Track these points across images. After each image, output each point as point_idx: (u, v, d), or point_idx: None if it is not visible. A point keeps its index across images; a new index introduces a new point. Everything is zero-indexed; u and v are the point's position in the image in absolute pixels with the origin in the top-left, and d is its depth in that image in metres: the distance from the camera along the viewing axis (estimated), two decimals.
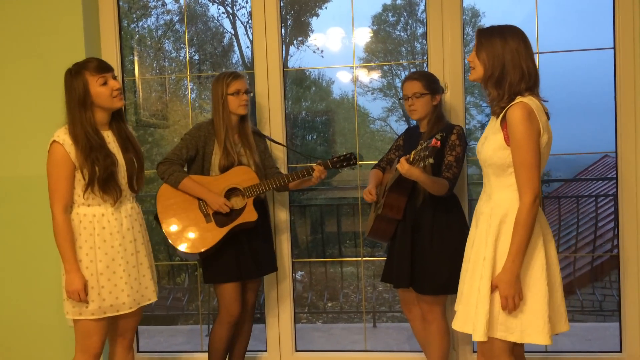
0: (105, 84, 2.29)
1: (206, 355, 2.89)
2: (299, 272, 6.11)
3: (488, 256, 2.02)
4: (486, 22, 9.26)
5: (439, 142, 2.14)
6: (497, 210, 2.03)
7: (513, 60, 1.99)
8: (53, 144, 2.26)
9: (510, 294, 1.95)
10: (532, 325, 1.98)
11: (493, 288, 1.99)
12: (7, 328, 3.29)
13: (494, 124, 2.08)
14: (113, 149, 2.35)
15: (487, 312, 1.99)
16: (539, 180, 1.97)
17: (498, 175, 2.05)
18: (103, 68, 2.31)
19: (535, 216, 1.96)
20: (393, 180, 2.58)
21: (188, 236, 2.72)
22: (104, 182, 2.27)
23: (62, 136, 2.26)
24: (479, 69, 2.06)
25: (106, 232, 2.31)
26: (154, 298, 2.46)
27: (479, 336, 2.00)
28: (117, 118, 2.41)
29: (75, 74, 2.29)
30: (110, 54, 3.31)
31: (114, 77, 2.34)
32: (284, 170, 3.24)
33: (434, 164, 2.27)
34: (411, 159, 2.27)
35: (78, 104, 2.27)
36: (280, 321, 3.31)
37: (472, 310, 2.05)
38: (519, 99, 1.98)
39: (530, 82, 2.01)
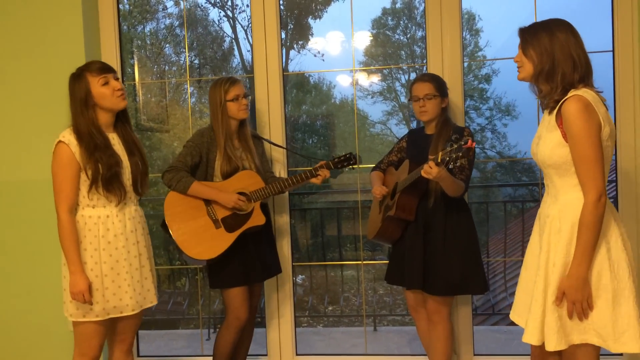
0: (106, 84, 2.31)
1: (207, 359, 2.89)
2: (300, 276, 6.10)
3: (558, 262, 1.89)
4: (483, 25, 9.25)
5: (474, 143, 2.14)
6: (567, 212, 1.90)
7: (563, 51, 1.89)
8: (59, 144, 2.28)
9: (578, 299, 1.84)
10: (627, 332, 1.84)
11: (560, 295, 1.87)
12: (9, 331, 3.29)
13: (548, 121, 1.96)
14: (118, 150, 2.36)
15: (556, 320, 1.88)
16: (603, 177, 1.84)
17: (562, 175, 1.92)
18: (104, 69, 2.34)
19: (602, 215, 1.82)
20: (409, 182, 2.58)
21: (200, 243, 2.70)
22: (107, 182, 2.28)
23: (68, 136, 2.28)
24: (527, 67, 1.97)
25: (110, 233, 2.32)
26: (155, 301, 2.47)
27: (551, 345, 1.87)
28: (122, 121, 2.43)
29: (77, 77, 2.32)
30: (110, 58, 3.32)
31: (116, 78, 2.36)
32: (284, 172, 3.24)
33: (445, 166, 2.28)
34: (439, 160, 2.25)
35: (80, 104, 2.29)
36: (280, 325, 3.30)
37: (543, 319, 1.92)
38: (572, 92, 1.87)
39: (583, 72, 1.90)
